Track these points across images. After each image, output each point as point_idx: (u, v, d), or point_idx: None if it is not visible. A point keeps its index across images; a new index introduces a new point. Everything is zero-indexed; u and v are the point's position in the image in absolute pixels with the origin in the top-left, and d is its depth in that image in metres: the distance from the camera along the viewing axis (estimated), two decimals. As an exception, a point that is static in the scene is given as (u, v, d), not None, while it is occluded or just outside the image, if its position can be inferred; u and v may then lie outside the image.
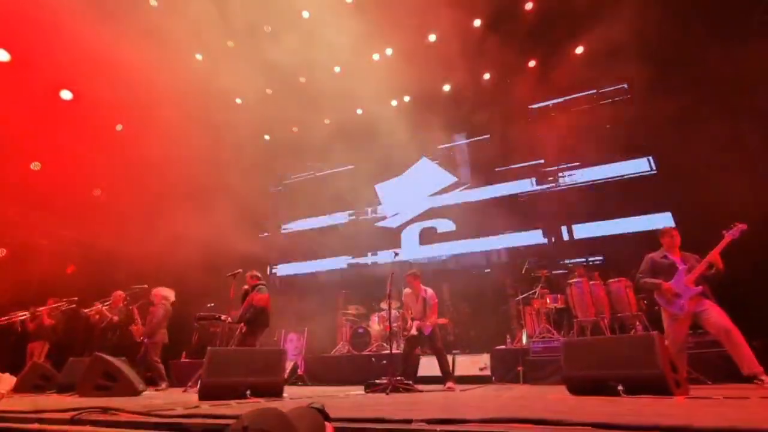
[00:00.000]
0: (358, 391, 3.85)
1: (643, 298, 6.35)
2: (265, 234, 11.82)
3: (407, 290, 5.28)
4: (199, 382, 3.22)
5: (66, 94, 9.54)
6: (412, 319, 4.99)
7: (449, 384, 4.48)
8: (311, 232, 11.56)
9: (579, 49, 8.80)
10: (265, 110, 10.97)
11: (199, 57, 10.36)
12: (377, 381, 3.78)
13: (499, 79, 9.94)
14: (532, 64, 9.53)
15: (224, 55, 10.16)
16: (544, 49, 9.19)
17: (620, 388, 2.38)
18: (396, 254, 4.61)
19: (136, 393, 3.63)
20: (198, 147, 10.16)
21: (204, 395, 2.96)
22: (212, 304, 6.94)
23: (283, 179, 13.01)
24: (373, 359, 6.76)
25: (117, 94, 9.45)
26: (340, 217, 11.49)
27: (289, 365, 7.45)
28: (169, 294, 5.97)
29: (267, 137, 12.55)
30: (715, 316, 3.39)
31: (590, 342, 2.65)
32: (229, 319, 5.34)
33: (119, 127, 10.56)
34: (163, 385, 5.35)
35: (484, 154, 10.13)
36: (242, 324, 5.15)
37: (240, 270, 5.01)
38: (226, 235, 8.26)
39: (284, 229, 12.16)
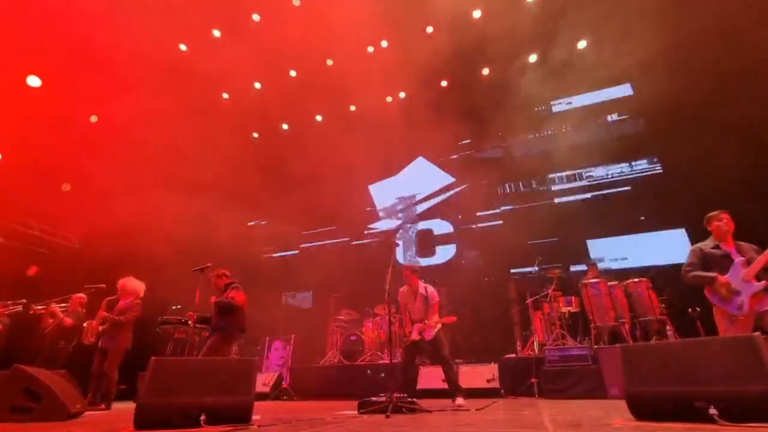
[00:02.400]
0: (351, 410, 3.13)
1: (665, 300, 5.76)
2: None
3: (403, 288, 4.58)
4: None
5: (33, 81, 8.80)
6: (413, 322, 4.27)
7: (459, 400, 3.77)
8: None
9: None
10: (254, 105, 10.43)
11: (183, 48, 9.78)
12: (374, 399, 3.06)
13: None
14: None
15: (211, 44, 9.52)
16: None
17: (713, 411, 1.73)
18: (397, 243, 3.87)
19: (66, 416, 2.85)
20: (181, 137, 9.50)
21: (141, 422, 2.19)
22: (178, 306, 6.14)
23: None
24: (369, 371, 6.01)
25: (92, 81, 8.78)
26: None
27: (273, 377, 6.72)
28: (140, 288, 4.91)
29: (255, 135, 11.95)
30: None
31: (661, 348, 1.99)
32: (190, 321, 4.35)
33: (93, 119, 9.87)
34: (102, 407, 4.31)
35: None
36: (214, 331, 4.28)
37: (210, 264, 4.24)
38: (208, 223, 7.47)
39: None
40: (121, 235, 8.10)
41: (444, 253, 9.17)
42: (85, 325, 4.76)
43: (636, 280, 5.74)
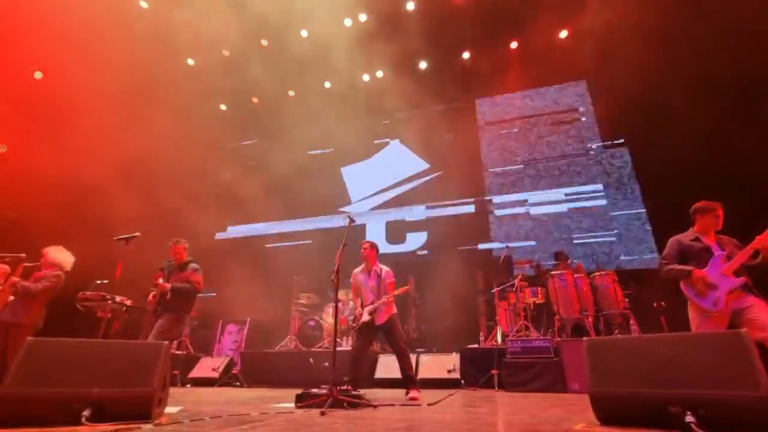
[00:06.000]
0: (292, 402, 2.77)
1: (629, 294, 5.69)
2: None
3: (356, 270, 4.23)
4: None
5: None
6: (363, 306, 3.93)
7: (412, 393, 3.48)
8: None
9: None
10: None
11: (144, 4, 8.94)
12: (314, 391, 2.71)
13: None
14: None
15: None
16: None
17: (690, 419, 1.47)
18: (351, 221, 3.46)
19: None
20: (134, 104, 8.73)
21: (3, 417, 1.75)
22: (105, 281, 5.53)
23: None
24: (312, 360, 5.65)
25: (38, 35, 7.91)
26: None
27: (224, 361, 6.29)
28: (65, 260, 4.29)
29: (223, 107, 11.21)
30: (765, 317, 2.60)
31: (631, 343, 1.71)
32: (150, 298, 3.93)
33: (38, 75, 8.93)
34: None
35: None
36: (166, 311, 3.94)
37: (137, 233, 3.71)
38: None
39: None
40: (65, 204, 7.39)
41: (415, 240, 8.90)
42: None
43: (602, 272, 5.64)
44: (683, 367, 1.58)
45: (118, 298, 3.85)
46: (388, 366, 5.35)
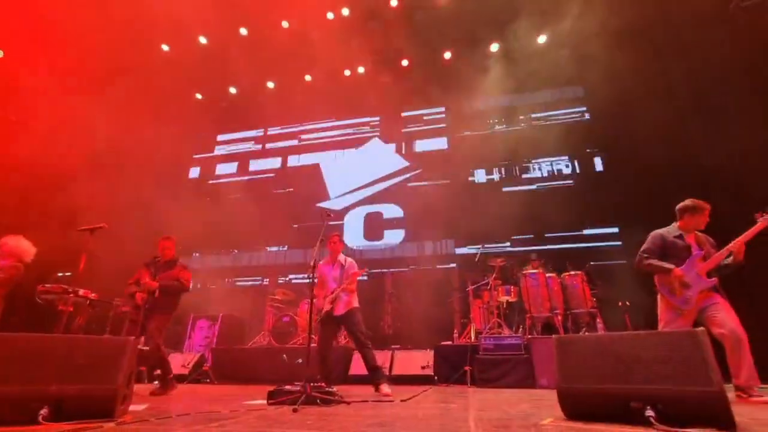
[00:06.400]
0: (264, 399, 2.73)
1: (596, 293, 5.90)
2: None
3: (321, 262, 4.16)
4: None
5: None
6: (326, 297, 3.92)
7: (384, 388, 3.45)
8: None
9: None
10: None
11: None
12: (287, 388, 2.68)
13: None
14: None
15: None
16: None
17: (650, 413, 1.54)
18: (329, 215, 3.42)
19: None
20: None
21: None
22: (67, 274, 5.27)
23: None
24: (284, 357, 5.59)
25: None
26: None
27: (194, 358, 6.13)
28: (24, 251, 4.00)
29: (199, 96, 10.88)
30: (727, 317, 2.79)
31: (597, 340, 1.78)
32: (141, 294, 3.83)
33: (-1, 54, 8.39)
34: None
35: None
36: (157, 311, 3.89)
37: (103, 224, 3.54)
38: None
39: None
40: (27, 192, 7.00)
41: (392, 237, 8.92)
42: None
43: (573, 272, 5.81)
44: (644, 364, 1.66)
45: (81, 291, 3.67)
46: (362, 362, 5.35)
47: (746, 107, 6.03)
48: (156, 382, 3.99)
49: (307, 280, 2.74)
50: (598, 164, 7.98)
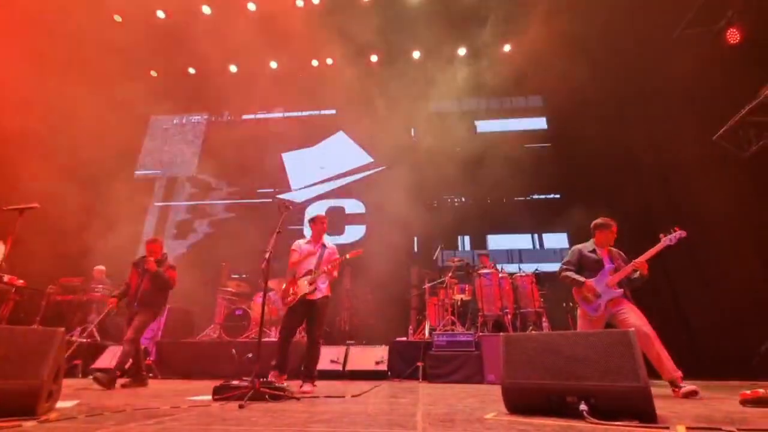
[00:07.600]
0: (209, 395, 2.62)
1: (544, 294, 6.20)
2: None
3: (302, 241, 4.00)
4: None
5: None
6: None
7: (305, 386, 3.35)
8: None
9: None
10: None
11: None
12: (234, 383, 2.59)
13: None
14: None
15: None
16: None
17: (583, 407, 1.65)
18: (288, 207, 3.30)
19: None
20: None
21: None
22: None
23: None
24: (234, 351, 5.42)
25: None
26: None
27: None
28: None
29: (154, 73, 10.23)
30: (634, 318, 3.12)
31: (541, 338, 1.88)
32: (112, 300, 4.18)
33: None
34: None
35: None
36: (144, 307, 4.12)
37: (36, 204, 3.19)
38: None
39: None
40: None
41: (353, 233, 8.88)
42: None
43: (523, 273, 6.07)
44: (580, 361, 1.78)
45: (6, 278, 3.32)
46: (326, 358, 5.26)
47: (679, 120, 6.64)
48: (125, 376, 4.04)
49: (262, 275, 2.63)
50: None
